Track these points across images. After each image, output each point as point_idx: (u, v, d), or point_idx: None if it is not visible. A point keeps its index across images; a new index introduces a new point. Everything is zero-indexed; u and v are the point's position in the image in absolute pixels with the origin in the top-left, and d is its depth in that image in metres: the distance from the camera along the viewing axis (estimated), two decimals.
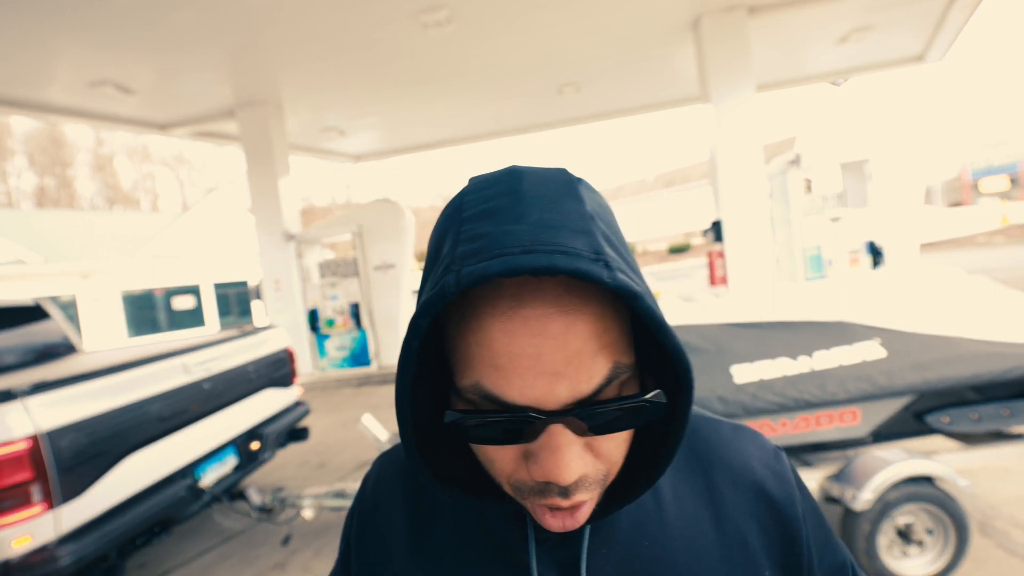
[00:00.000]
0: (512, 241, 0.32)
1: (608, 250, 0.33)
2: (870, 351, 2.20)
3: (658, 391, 0.35)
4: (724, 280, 6.50)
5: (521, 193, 0.35)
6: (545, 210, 0.34)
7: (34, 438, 2.02)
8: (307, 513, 2.99)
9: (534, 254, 0.31)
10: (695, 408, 0.53)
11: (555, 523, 0.37)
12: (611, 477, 0.38)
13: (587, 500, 0.37)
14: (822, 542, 0.50)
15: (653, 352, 0.39)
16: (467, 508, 0.48)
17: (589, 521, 0.40)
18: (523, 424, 0.34)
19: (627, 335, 0.37)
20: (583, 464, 0.35)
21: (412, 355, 0.35)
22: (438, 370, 0.41)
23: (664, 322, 0.33)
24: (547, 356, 0.33)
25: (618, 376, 0.35)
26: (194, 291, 17.84)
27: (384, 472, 0.54)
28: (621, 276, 0.32)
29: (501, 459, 0.37)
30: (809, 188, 8.40)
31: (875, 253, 6.79)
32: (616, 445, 0.37)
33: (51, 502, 2.05)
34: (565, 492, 0.35)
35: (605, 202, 0.40)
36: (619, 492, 0.41)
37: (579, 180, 0.38)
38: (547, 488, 0.35)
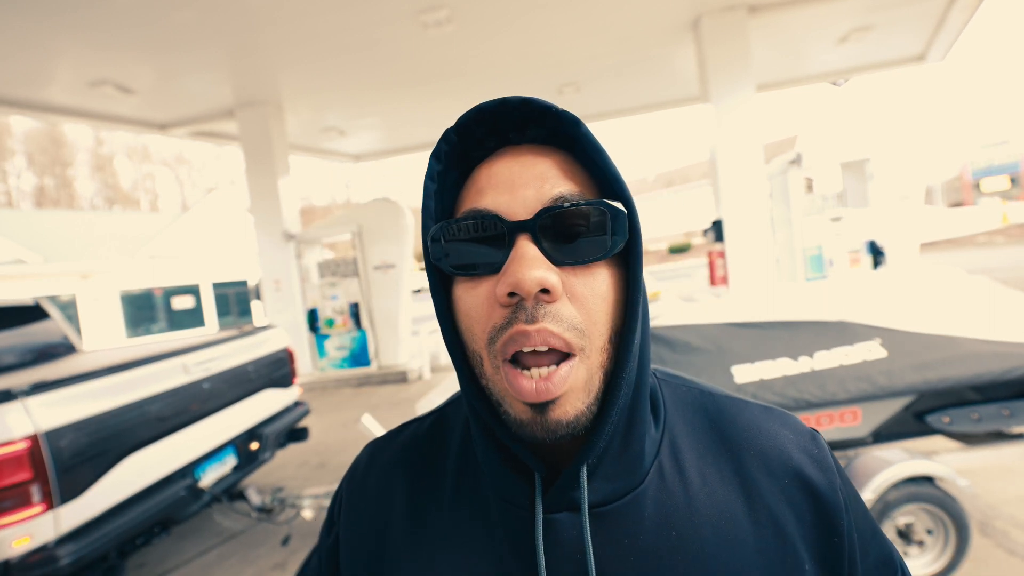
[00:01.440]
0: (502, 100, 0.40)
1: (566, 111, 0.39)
2: (870, 351, 2.20)
3: (605, 201, 0.38)
4: (724, 280, 6.50)
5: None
6: (517, 99, 0.40)
7: (34, 438, 2.01)
8: (307, 513, 2.98)
9: (502, 101, 0.39)
10: (716, 388, 0.51)
11: (528, 385, 0.36)
12: (593, 347, 0.37)
13: (559, 343, 0.36)
14: (867, 534, 0.46)
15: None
16: (471, 481, 0.46)
17: (583, 458, 0.39)
18: (494, 234, 0.37)
19: (592, 187, 0.40)
20: (547, 273, 0.36)
21: (430, 214, 0.41)
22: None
23: (602, 149, 0.38)
24: (517, 175, 0.39)
25: (582, 204, 0.37)
26: (193, 291, 17.84)
27: (377, 457, 0.52)
28: (570, 115, 0.38)
29: (477, 303, 0.38)
30: (810, 188, 8.40)
31: (876, 253, 6.79)
32: (593, 293, 0.38)
33: (51, 502, 2.05)
34: (531, 315, 0.36)
35: None
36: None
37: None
38: (514, 317, 0.36)
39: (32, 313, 3.76)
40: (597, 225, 0.37)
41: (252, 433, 3.29)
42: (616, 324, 0.39)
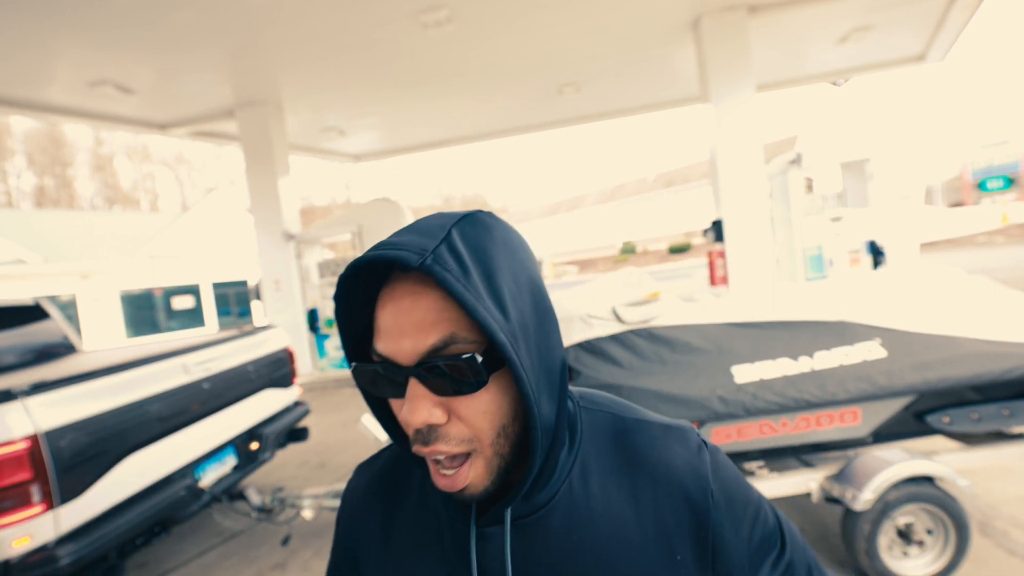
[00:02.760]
0: (380, 244, 0.46)
1: (445, 254, 0.44)
2: (870, 351, 2.20)
3: (472, 355, 0.44)
4: (724, 280, 6.50)
5: (420, 220, 0.50)
6: (416, 230, 0.48)
7: (33, 438, 2.01)
8: (307, 513, 2.98)
9: (377, 250, 0.45)
10: (634, 411, 0.59)
11: (440, 480, 0.47)
12: (484, 446, 0.47)
13: (454, 455, 0.46)
14: (744, 523, 0.55)
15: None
16: (430, 501, 0.57)
17: (497, 510, 0.50)
18: (389, 374, 0.47)
19: (465, 321, 0.46)
20: (430, 412, 0.45)
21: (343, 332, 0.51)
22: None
23: (468, 299, 0.43)
24: (401, 321, 0.46)
25: (454, 342, 0.45)
26: (193, 291, 17.83)
27: (359, 480, 0.64)
28: (434, 266, 0.43)
29: (397, 413, 0.49)
30: (810, 188, 8.40)
31: (876, 253, 6.79)
32: (475, 412, 0.46)
33: (51, 502, 2.05)
34: (425, 439, 0.46)
35: (504, 236, 0.50)
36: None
37: (473, 219, 0.49)
38: (416, 436, 0.46)
39: (32, 313, 3.76)
40: (461, 371, 0.45)
41: (252, 433, 3.29)
42: (504, 422, 0.48)
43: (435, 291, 0.46)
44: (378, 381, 0.48)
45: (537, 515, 0.52)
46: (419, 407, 0.45)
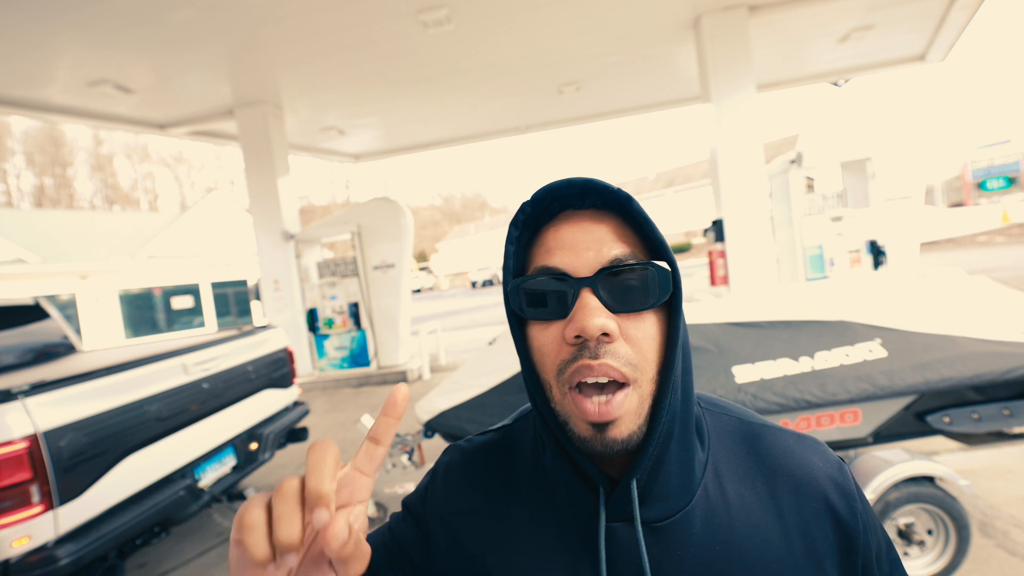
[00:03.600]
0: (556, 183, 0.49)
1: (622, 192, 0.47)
2: (871, 351, 2.20)
3: (657, 264, 0.46)
4: (725, 280, 6.50)
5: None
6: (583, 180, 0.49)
7: (33, 438, 2.01)
8: None
9: (568, 182, 0.48)
10: (759, 417, 0.57)
11: (591, 408, 0.44)
12: (645, 379, 0.45)
13: (617, 375, 0.43)
14: (882, 550, 0.53)
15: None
16: (545, 489, 0.54)
17: (636, 470, 0.46)
18: (562, 288, 0.46)
19: (641, 247, 0.48)
20: (607, 320, 0.44)
21: (509, 270, 0.50)
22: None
23: (650, 219, 0.47)
24: (580, 239, 0.47)
25: (635, 260, 0.46)
26: (193, 291, 17.83)
27: (456, 455, 0.62)
28: (623, 192, 0.47)
29: (548, 341, 0.47)
30: (810, 188, 8.40)
31: (876, 253, 6.78)
32: (644, 334, 0.45)
33: (50, 502, 2.04)
34: (594, 353, 0.43)
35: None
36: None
37: None
38: (580, 353, 0.44)
39: (32, 313, 3.76)
40: (645, 281, 0.45)
41: (251, 433, 3.28)
42: (662, 359, 0.47)
43: (614, 218, 0.48)
44: (544, 297, 0.47)
45: (676, 518, 0.49)
46: (596, 313, 0.44)
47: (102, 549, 2.20)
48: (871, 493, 2.07)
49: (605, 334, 0.44)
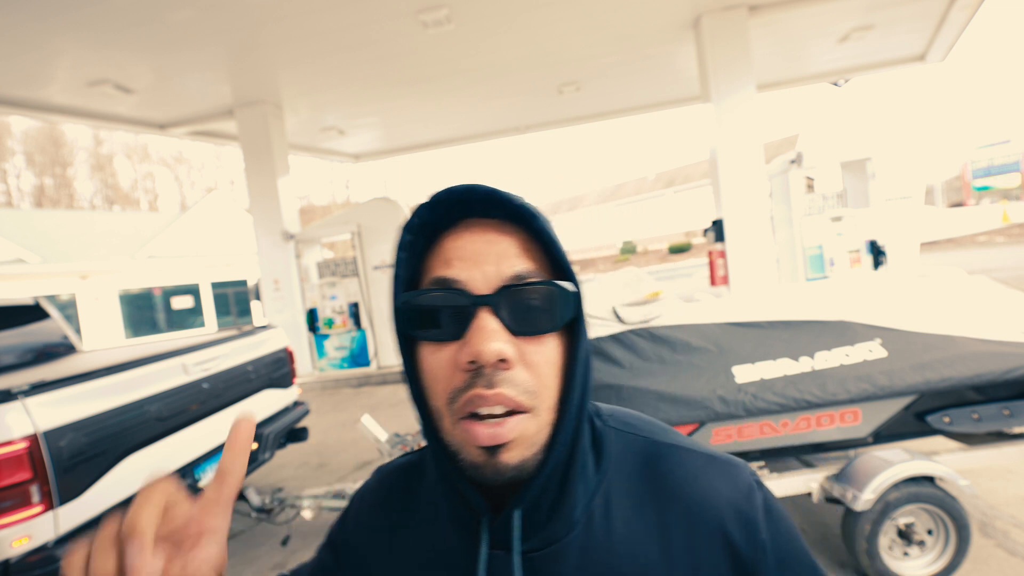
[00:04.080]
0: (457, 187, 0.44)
1: (533, 208, 0.44)
2: (871, 351, 2.20)
3: (562, 285, 0.43)
4: (725, 280, 6.50)
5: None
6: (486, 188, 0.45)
7: (33, 438, 2.01)
8: (307, 513, 2.98)
9: (470, 188, 0.43)
10: (675, 436, 0.52)
11: (483, 431, 0.40)
12: (543, 407, 0.42)
13: (513, 405, 0.40)
14: None
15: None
16: (434, 517, 0.52)
17: (522, 500, 0.43)
18: (458, 306, 0.42)
19: (546, 265, 0.45)
20: (505, 345, 0.40)
21: (401, 282, 0.45)
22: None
23: (555, 237, 0.44)
24: (481, 251, 0.43)
25: (537, 283, 0.42)
26: (193, 291, 17.83)
27: (373, 481, 0.60)
28: (529, 206, 0.43)
29: (440, 366, 0.43)
30: (810, 188, 8.39)
31: (876, 253, 6.78)
32: (544, 359, 0.42)
33: (50, 502, 2.04)
34: (489, 381, 0.40)
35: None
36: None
37: None
38: (474, 381, 0.40)
39: (32, 313, 3.76)
40: (549, 302, 0.42)
41: (251, 433, 3.28)
42: (562, 385, 0.44)
43: (520, 232, 0.44)
44: (438, 314, 0.42)
45: (551, 549, 0.46)
46: (494, 336, 0.40)
47: None
48: (871, 493, 2.07)
49: (503, 360, 0.40)
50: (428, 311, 0.43)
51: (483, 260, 0.43)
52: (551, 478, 0.44)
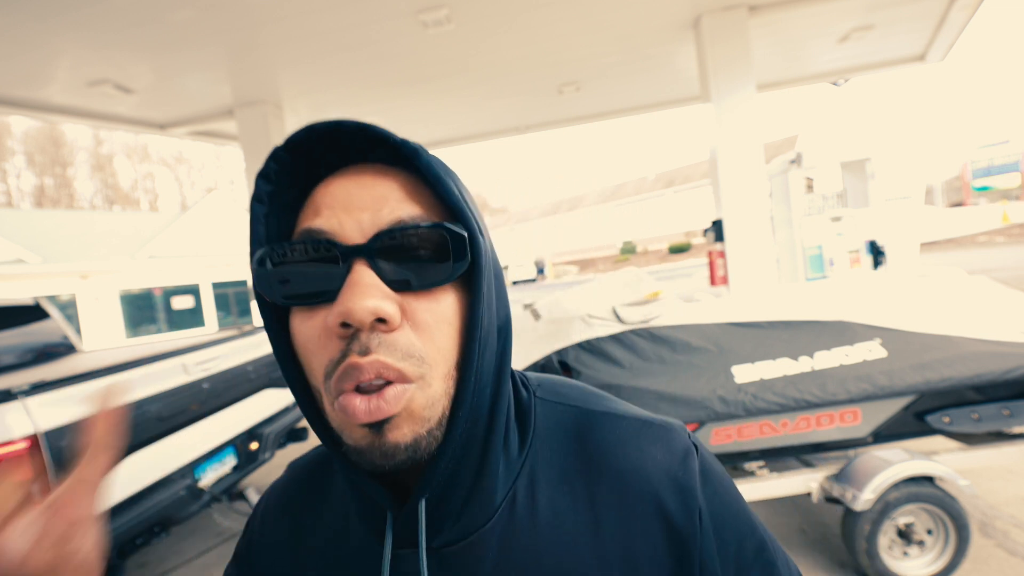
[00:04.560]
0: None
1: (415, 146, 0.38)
2: (871, 351, 2.20)
3: (452, 227, 0.36)
4: (725, 280, 6.50)
5: None
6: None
7: (33, 438, 2.01)
8: None
9: (335, 123, 0.38)
10: (607, 403, 0.47)
11: (361, 406, 0.33)
12: (434, 375, 0.35)
13: (390, 369, 0.33)
14: (744, 553, 0.42)
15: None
16: (343, 516, 0.46)
17: (425, 488, 0.37)
18: (327, 260, 0.35)
19: (437, 211, 0.39)
20: (382, 301, 0.33)
21: (259, 239, 0.39)
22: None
23: (442, 177, 0.37)
24: (355, 196, 0.37)
25: (421, 226, 0.36)
26: (193, 291, 17.83)
27: (279, 482, 0.53)
28: (412, 143, 0.37)
29: (313, 335, 0.36)
30: (810, 188, 8.40)
31: (876, 253, 6.79)
32: (436, 317, 0.36)
33: None
34: (364, 347, 0.33)
35: None
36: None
37: None
38: (348, 349, 0.34)
39: (32, 313, 3.76)
40: (438, 249, 0.36)
41: (252, 433, 3.28)
42: (458, 352, 0.37)
43: (402, 176, 0.38)
44: (305, 272, 0.36)
45: (466, 542, 0.40)
46: (368, 292, 0.33)
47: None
48: (871, 493, 2.07)
49: (381, 320, 0.34)
50: (293, 269, 0.36)
51: (357, 206, 0.36)
52: (463, 461, 0.38)
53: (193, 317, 17.69)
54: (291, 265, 0.36)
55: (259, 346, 3.51)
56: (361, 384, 0.33)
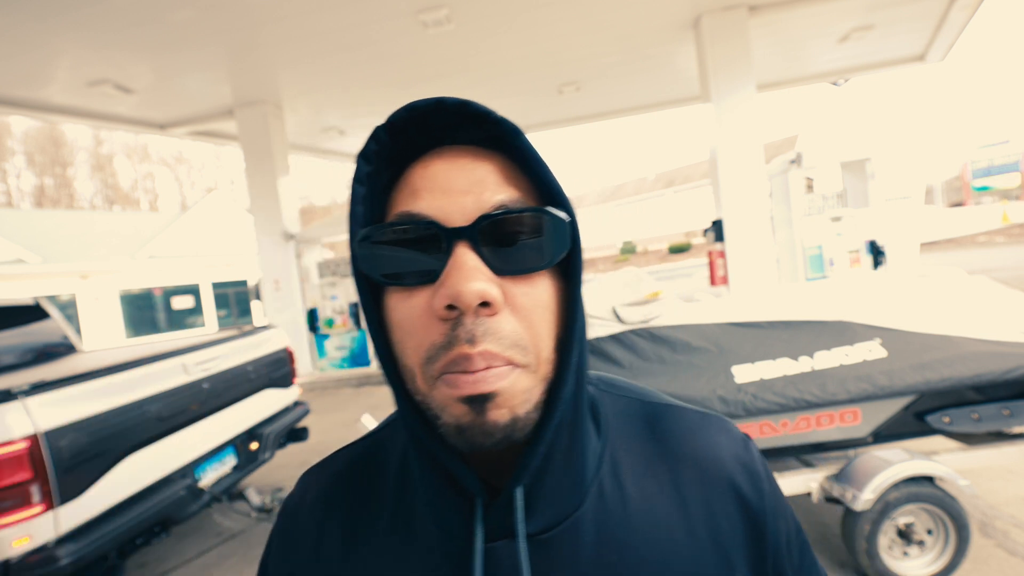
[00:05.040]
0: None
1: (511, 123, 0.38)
2: (871, 351, 2.20)
3: (556, 213, 0.37)
4: (725, 280, 6.50)
5: None
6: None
7: (33, 438, 2.01)
8: None
9: (437, 101, 0.37)
10: (661, 396, 0.50)
11: (467, 378, 0.34)
12: (539, 360, 0.36)
13: (498, 358, 0.34)
14: (791, 535, 0.47)
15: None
16: (411, 509, 0.44)
17: (523, 473, 0.37)
18: (430, 242, 0.36)
19: (532, 195, 0.39)
20: (488, 284, 0.34)
21: (358, 219, 0.39)
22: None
23: (541, 158, 0.38)
24: (455, 179, 0.37)
25: (525, 210, 0.36)
26: (193, 291, 17.83)
27: (310, 489, 0.50)
28: (510, 122, 0.37)
29: (412, 316, 0.36)
30: (810, 188, 8.40)
31: (876, 253, 6.79)
32: (535, 302, 0.36)
33: (50, 502, 2.04)
34: (471, 335, 0.34)
35: None
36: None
37: None
38: (454, 336, 0.34)
39: (32, 313, 3.76)
40: (539, 233, 0.36)
41: (252, 433, 3.29)
42: (559, 334, 0.38)
43: (499, 158, 0.39)
44: (406, 254, 0.36)
45: (562, 527, 0.40)
46: (474, 274, 0.34)
47: (102, 549, 2.21)
48: (871, 493, 2.07)
49: (485, 303, 0.34)
50: (393, 250, 0.36)
51: (458, 190, 0.37)
52: (555, 444, 0.39)
53: (193, 317, 17.69)
54: (392, 246, 0.37)
55: (259, 346, 3.51)
56: (468, 371, 0.34)
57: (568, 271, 0.39)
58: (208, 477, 2.86)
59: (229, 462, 3.06)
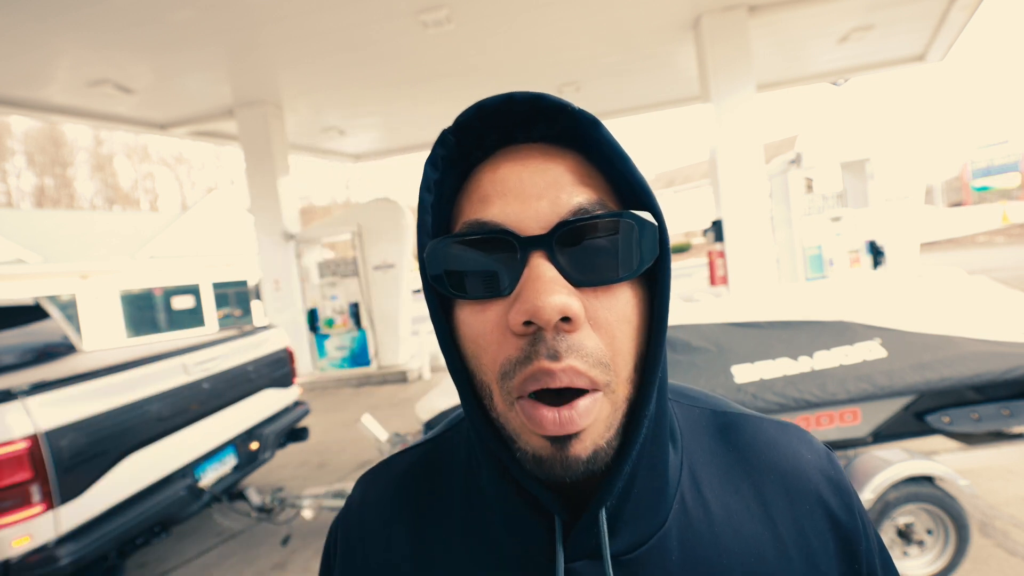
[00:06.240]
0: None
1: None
2: (871, 351, 2.20)
3: (639, 217, 0.33)
4: (724, 280, 6.50)
5: None
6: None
7: (33, 438, 2.01)
8: (307, 513, 2.98)
9: (508, 97, 0.35)
10: (732, 405, 0.47)
11: (550, 417, 0.31)
12: (619, 380, 0.33)
13: (582, 377, 0.32)
14: (879, 553, 0.44)
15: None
16: (481, 520, 0.42)
17: (606, 496, 0.35)
18: (504, 253, 0.33)
19: (611, 194, 0.36)
20: (569, 298, 0.31)
21: (427, 229, 0.37)
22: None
23: (624, 153, 0.35)
24: (528, 182, 0.34)
25: (607, 215, 0.33)
26: (193, 291, 17.83)
27: (371, 492, 0.48)
28: (588, 113, 0.34)
29: (486, 330, 0.34)
30: (810, 188, 8.40)
31: (876, 253, 6.79)
32: (618, 316, 0.33)
33: (50, 502, 2.04)
34: (553, 351, 0.31)
35: None
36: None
37: None
38: (533, 351, 0.31)
39: (32, 313, 3.76)
40: (624, 240, 0.33)
41: (252, 433, 3.29)
42: (641, 350, 0.35)
43: (572, 155, 0.36)
44: (476, 266, 0.34)
45: (647, 547, 0.38)
46: (552, 288, 0.31)
47: (103, 549, 2.21)
48: (871, 493, 2.07)
49: (566, 319, 0.31)
50: (464, 262, 0.34)
51: (532, 193, 0.34)
52: (639, 462, 0.36)
53: (193, 317, 17.69)
54: (462, 257, 0.34)
55: (259, 346, 3.51)
56: (549, 388, 0.32)
57: (653, 280, 0.36)
58: (208, 477, 2.86)
59: (229, 462, 3.06)
